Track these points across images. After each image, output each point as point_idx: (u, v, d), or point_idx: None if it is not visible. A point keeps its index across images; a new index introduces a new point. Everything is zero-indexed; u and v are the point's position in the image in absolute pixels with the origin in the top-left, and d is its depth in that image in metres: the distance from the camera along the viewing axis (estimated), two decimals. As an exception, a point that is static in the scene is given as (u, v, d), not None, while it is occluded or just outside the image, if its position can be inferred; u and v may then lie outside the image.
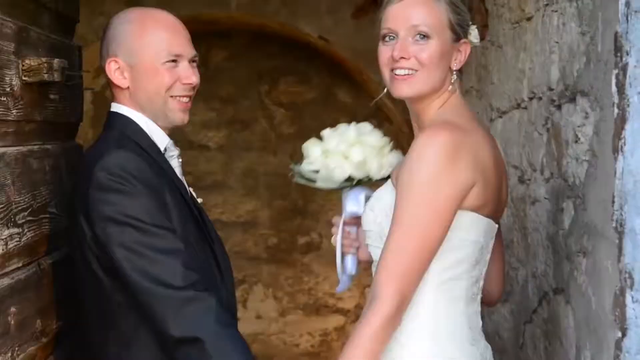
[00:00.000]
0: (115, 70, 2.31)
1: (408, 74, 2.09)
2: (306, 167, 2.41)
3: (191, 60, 2.35)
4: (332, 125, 6.75)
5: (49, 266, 2.27)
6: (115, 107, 2.34)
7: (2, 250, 1.90)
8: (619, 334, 1.60)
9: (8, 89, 1.97)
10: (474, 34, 2.17)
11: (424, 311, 2.09)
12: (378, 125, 6.48)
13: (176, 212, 2.27)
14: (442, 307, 2.11)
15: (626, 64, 1.57)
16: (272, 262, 6.40)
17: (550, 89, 2.59)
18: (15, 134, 2.04)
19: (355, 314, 6.31)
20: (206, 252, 2.39)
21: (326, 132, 2.38)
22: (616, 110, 1.63)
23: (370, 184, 2.36)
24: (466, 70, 3.98)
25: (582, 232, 2.28)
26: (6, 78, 1.96)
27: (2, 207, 1.90)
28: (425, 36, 2.08)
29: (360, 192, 2.37)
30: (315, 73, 6.25)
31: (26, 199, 2.08)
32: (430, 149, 2.01)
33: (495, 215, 2.15)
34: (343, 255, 2.42)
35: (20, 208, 2.03)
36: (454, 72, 2.15)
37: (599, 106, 2.13)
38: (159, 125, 2.33)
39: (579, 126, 2.30)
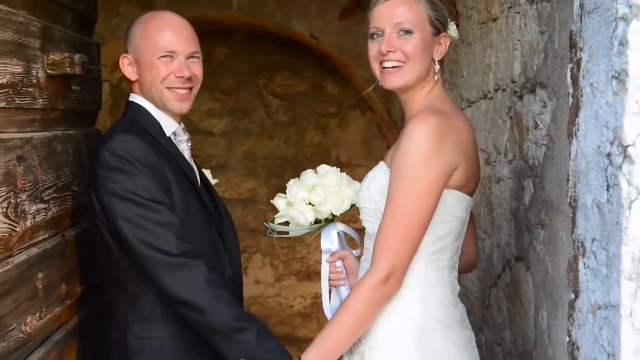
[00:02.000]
0: (126, 65, 2.34)
1: (396, 66, 2.09)
2: (276, 221, 2.39)
3: (189, 57, 2.34)
4: (321, 112, 6.71)
5: (72, 237, 2.28)
6: (132, 97, 2.37)
7: (31, 223, 1.90)
8: (572, 296, 1.61)
9: (34, 81, 1.96)
10: (452, 29, 2.16)
11: (415, 279, 2.10)
12: (362, 113, 6.50)
13: (178, 191, 2.28)
14: (431, 275, 2.11)
15: (580, 59, 1.57)
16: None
17: (513, 82, 2.59)
18: (42, 120, 2.04)
19: (342, 280, 6.33)
20: (210, 229, 2.41)
21: (289, 183, 2.36)
22: (571, 100, 1.64)
23: (341, 217, 2.33)
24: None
25: (540, 207, 2.29)
26: (33, 71, 1.95)
27: (30, 185, 1.90)
28: (408, 31, 2.08)
29: (331, 229, 2.35)
30: (306, 67, 6.24)
31: (51, 178, 2.07)
32: (420, 133, 2.00)
33: (472, 192, 2.17)
34: (336, 287, 2.35)
35: (46, 186, 2.03)
36: (437, 63, 2.14)
37: (556, 96, 2.13)
38: (167, 114, 2.34)
39: (538, 114, 2.30)
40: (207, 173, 2.57)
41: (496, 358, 2.85)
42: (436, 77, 2.14)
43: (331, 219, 2.32)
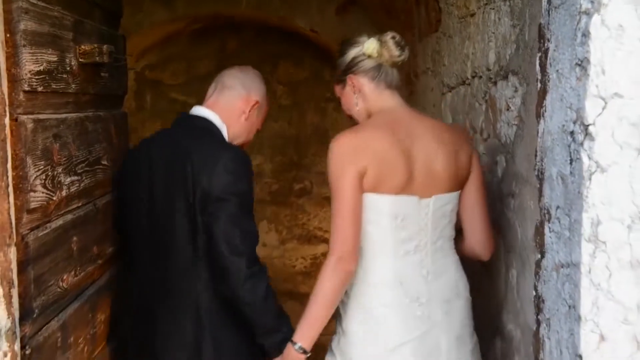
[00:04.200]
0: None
1: None
2: None
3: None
4: (320, 97, 6.67)
5: (102, 205, 2.27)
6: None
7: (66, 193, 1.89)
8: (539, 256, 1.61)
9: (68, 69, 1.95)
10: (366, 46, 2.21)
11: (365, 264, 2.13)
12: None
13: None
14: (376, 261, 2.13)
15: (547, 49, 1.55)
16: (274, 204, 6.42)
17: (488, 70, 2.58)
18: (74, 103, 2.03)
19: (338, 243, 6.36)
20: None
21: None
22: (539, 85, 1.62)
23: None
24: (424, 55, 3.95)
25: (511, 179, 2.29)
26: (66, 60, 1.94)
27: (65, 160, 1.90)
28: (338, 98, 2.36)
29: None
30: (307, 58, 6.22)
31: (83, 154, 2.07)
32: (331, 150, 2.08)
33: (410, 191, 2.11)
34: None
35: (79, 161, 2.02)
36: (355, 99, 2.24)
37: (526, 82, 2.12)
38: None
39: (510, 98, 2.29)
40: None
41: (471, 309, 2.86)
42: (357, 109, 2.26)
43: None
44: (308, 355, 2.14)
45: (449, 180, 2.16)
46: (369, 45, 2.19)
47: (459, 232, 2.29)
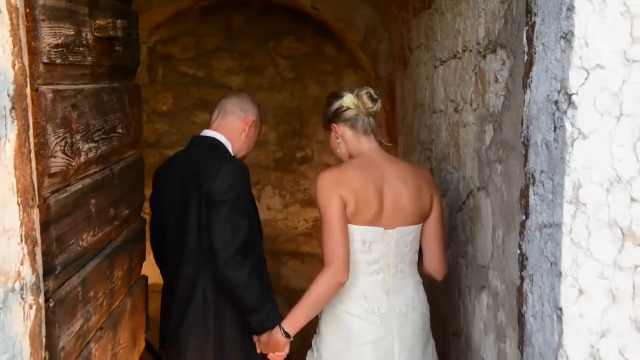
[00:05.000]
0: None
1: None
2: None
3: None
4: (320, 71, 6.61)
5: (118, 170, 2.27)
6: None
7: (84, 158, 1.89)
8: (523, 217, 1.61)
9: (84, 42, 1.92)
10: (345, 99, 2.45)
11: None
12: (353, 71, 6.43)
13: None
14: (350, 278, 2.33)
15: (534, 23, 1.53)
16: (278, 170, 6.42)
17: (478, 44, 2.55)
18: (91, 75, 2.01)
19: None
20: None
21: None
22: (526, 57, 1.61)
23: None
24: (418, 31, 3.91)
25: (498, 146, 2.28)
26: (82, 34, 1.91)
27: (83, 128, 1.88)
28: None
29: None
30: (308, 33, 6.17)
31: (100, 122, 2.05)
32: (317, 183, 2.33)
33: (378, 223, 2.35)
34: None
35: (96, 129, 2.01)
36: (339, 143, 2.48)
37: (513, 55, 2.10)
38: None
39: (498, 70, 2.27)
40: None
41: (460, 267, 2.88)
42: (338, 151, 2.52)
43: None
44: (290, 340, 2.41)
45: (412, 215, 2.40)
46: (347, 99, 2.43)
47: (420, 256, 2.55)
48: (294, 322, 2.35)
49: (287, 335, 2.38)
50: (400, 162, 2.50)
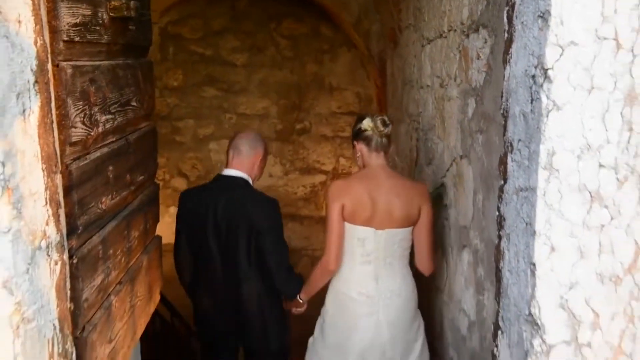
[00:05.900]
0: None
1: None
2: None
3: None
4: (318, 49, 6.54)
5: (133, 140, 2.26)
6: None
7: (102, 129, 1.88)
8: (502, 182, 1.62)
9: (100, 22, 1.90)
10: (364, 124, 2.69)
11: (342, 266, 2.71)
12: (348, 50, 6.37)
13: None
14: (348, 265, 2.70)
15: (514, 3, 1.52)
16: (279, 140, 6.41)
17: (462, 24, 2.53)
18: (107, 52, 1.99)
19: (332, 174, 6.37)
20: None
21: None
22: (506, 35, 1.60)
23: None
24: (407, 12, 3.87)
25: (479, 118, 2.28)
26: (99, 14, 1.89)
27: (100, 101, 1.87)
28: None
29: None
30: (307, 15, 6.10)
31: (116, 96, 2.04)
32: (329, 189, 2.69)
33: (371, 224, 2.63)
34: None
35: (112, 102, 2.00)
36: (359, 157, 2.75)
37: (494, 34, 2.08)
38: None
39: (480, 48, 2.26)
40: None
41: (443, 229, 2.90)
42: (358, 163, 2.78)
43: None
44: (304, 301, 2.96)
45: (400, 220, 2.65)
46: (365, 123, 2.70)
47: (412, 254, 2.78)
48: (305, 293, 2.93)
49: (303, 301, 2.98)
50: (399, 178, 2.73)
